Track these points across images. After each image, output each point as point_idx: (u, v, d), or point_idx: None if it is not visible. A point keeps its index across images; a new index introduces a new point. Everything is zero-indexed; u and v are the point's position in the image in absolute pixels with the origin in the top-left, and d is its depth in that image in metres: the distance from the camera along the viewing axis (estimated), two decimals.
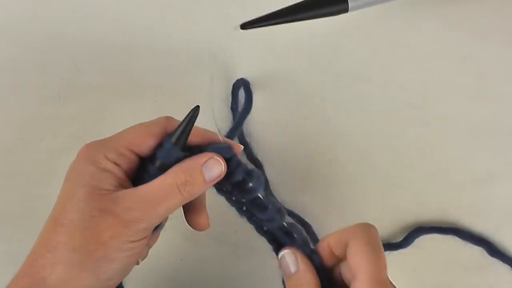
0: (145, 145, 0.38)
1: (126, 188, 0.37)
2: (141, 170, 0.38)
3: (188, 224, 0.41)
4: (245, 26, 0.43)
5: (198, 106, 0.37)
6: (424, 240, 0.48)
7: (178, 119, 0.46)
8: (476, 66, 0.47)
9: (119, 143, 0.38)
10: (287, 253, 0.39)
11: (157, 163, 0.38)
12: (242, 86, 0.48)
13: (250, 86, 0.48)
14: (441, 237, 0.48)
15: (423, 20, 0.46)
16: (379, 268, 0.36)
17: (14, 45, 0.47)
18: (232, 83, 0.48)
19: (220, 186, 0.40)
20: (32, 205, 0.47)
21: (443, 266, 0.49)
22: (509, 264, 0.48)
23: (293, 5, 0.43)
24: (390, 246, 0.48)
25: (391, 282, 0.37)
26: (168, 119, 0.39)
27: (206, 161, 0.38)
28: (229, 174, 0.39)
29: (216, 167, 0.38)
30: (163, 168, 0.37)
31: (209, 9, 0.47)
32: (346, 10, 0.43)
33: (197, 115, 0.37)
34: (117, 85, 0.48)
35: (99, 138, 0.47)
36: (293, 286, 0.39)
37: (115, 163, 0.37)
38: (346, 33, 0.48)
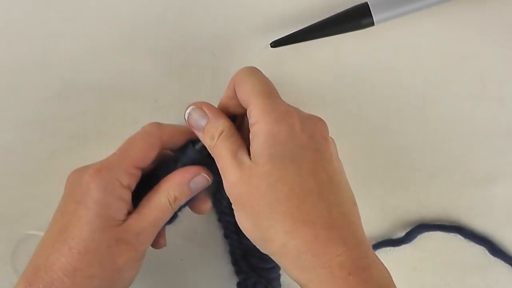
0: (149, 158, 0.40)
1: (129, 210, 0.39)
2: (144, 183, 0.41)
3: (191, 209, 0.43)
4: (275, 44, 0.45)
5: None
6: (425, 239, 0.48)
7: (180, 119, 0.47)
8: (476, 66, 0.47)
9: (127, 163, 0.39)
10: (192, 109, 0.40)
11: (178, 166, 0.41)
12: None
13: None
14: (442, 236, 0.48)
15: (423, 20, 0.46)
16: (266, 87, 0.39)
17: (14, 45, 0.47)
18: None
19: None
20: (32, 205, 0.47)
21: (444, 265, 0.49)
22: (510, 264, 0.48)
23: (321, 22, 0.45)
24: (392, 242, 0.48)
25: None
26: (159, 126, 0.41)
27: (194, 177, 0.40)
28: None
29: (202, 182, 0.41)
30: None
31: (209, 8, 0.47)
32: (372, 23, 0.45)
33: None
34: (117, 85, 0.48)
35: (98, 139, 0.47)
36: (209, 134, 0.39)
37: (129, 188, 0.39)
38: (345, 33, 0.48)
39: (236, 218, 0.39)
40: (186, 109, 0.41)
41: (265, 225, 0.36)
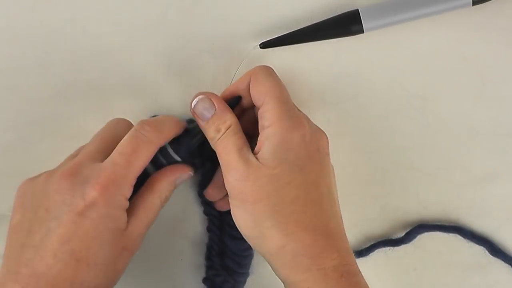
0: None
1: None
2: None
3: (206, 195, 0.45)
4: (264, 45, 0.46)
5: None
6: (425, 239, 0.48)
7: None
8: (476, 66, 0.47)
9: (132, 176, 0.40)
10: (201, 99, 0.41)
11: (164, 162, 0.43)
12: None
13: None
14: (442, 236, 0.48)
15: (423, 20, 0.46)
16: (284, 92, 0.41)
17: (14, 45, 0.47)
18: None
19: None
20: None
21: (444, 265, 0.49)
22: (510, 264, 0.48)
23: (311, 26, 0.45)
24: (392, 242, 0.48)
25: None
26: (160, 135, 0.42)
27: (180, 175, 0.42)
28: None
29: (186, 178, 0.43)
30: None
31: (209, 8, 0.47)
32: (361, 31, 0.45)
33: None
34: (117, 85, 0.48)
35: None
36: (214, 127, 0.40)
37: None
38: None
39: (232, 214, 0.40)
40: (194, 98, 0.41)
41: (266, 225, 0.38)
